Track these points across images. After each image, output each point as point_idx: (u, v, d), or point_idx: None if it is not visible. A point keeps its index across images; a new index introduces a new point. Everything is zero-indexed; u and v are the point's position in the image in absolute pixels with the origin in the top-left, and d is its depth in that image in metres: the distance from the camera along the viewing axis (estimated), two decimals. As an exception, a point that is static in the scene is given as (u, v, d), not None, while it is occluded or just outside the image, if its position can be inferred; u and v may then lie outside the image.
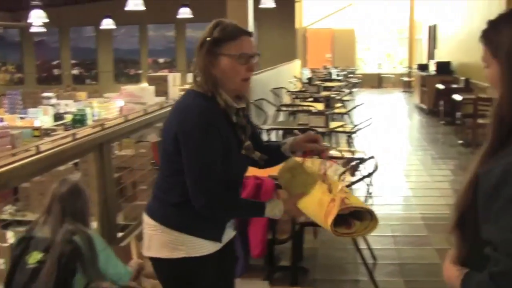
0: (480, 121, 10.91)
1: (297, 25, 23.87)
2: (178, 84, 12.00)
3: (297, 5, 24.27)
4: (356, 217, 2.57)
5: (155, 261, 2.86)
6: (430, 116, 16.16)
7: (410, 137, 13.32)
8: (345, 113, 11.15)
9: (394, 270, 5.55)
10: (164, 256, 2.79)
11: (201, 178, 2.63)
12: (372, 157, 5.52)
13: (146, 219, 2.86)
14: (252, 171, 3.15)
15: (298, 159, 2.92)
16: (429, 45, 21.37)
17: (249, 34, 2.78)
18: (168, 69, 22.20)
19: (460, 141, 11.98)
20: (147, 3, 14.25)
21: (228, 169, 2.72)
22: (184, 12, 19.05)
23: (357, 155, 7.69)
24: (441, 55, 18.89)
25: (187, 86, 12.24)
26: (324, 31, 25.78)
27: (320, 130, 7.66)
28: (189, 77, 13.35)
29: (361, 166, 6.20)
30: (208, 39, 2.71)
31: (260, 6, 17.99)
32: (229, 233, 2.97)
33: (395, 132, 13.84)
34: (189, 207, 2.68)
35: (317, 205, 2.62)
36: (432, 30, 20.56)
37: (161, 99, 8.79)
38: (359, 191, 6.36)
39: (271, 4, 18.13)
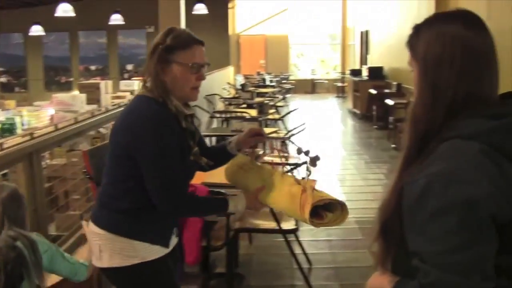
0: (411, 125, 11.03)
1: (230, 32, 23.89)
2: (110, 91, 11.85)
3: (230, 11, 24.30)
4: (326, 209, 2.61)
5: (109, 271, 2.82)
6: (363, 121, 16.36)
7: (344, 142, 13.44)
8: (279, 119, 11.19)
9: (329, 274, 5.56)
10: (118, 265, 2.76)
11: (166, 182, 2.64)
12: (305, 163, 5.51)
13: (94, 229, 2.80)
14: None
15: (243, 155, 3.02)
16: (361, 50, 21.67)
17: (201, 43, 2.81)
18: (100, 76, 21.90)
19: (393, 145, 12.15)
20: (77, 9, 14.05)
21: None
22: (116, 19, 18.87)
23: (291, 161, 7.72)
24: (374, 60, 19.16)
25: (120, 94, 12.15)
26: (257, 37, 25.87)
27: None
28: (122, 84, 13.22)
29: (295, 172, 6.20)
30: (160, 46, 2.71)
31: (193, 12, 17.94)
32: (174, 240, 2.97)
33: (329, 137, 13.94)
34: (139, 213, 2.72)
35: (288, 197, 2.69)
36: (364, 36, 20.85)
37: (93, 107, 8.67)
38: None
39: (204, 11, 18.10)
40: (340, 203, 2.61)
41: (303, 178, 2.81)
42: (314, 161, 2.96)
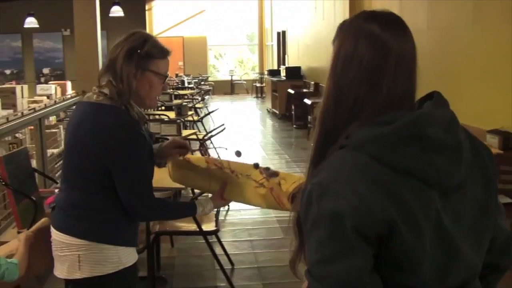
0: (330, 123, 11.17)
1: (148, 34, 23.68)
2: (26, 96, 11.55)
3: (147, 13, 24.11)
4: None
5: (90, 281, 2.76)
6: (282, 120, 16.48)
7: (264, 142, 13.49)
8: (198, 121, 11.17)
9: (252, 274, 5.57)
10: (99, 273, 2.74)
11: (141, 190, 2.70)
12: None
13: (72, 241, 2.73)
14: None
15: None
16: (278, 51, 21.83)
17: (170, 52, 2.84)
18: (16, 80, 21.33)
19: (313, 144, 12.24)
20: (-11, 12, 13.63)
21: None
22: (30, 22, 18.47)
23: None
24: (291, 60, 19.34)
25: (37, 98, 11.87)
26: (175, 39, 25.72)
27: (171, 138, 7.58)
28: (39, 88, 12.91)
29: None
30: (138, 51, 2.68)
31: (110, 15, 17.71)
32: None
33: (249, 138, 13.98)
34: (117, 219, 2.74)
35: (259, 196, 2.80)
36: (282, 36, 21.01)
37: (8, 111, 8.41)
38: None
39: (120, 13, 17.89)
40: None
41: (264, 178, 2.85)
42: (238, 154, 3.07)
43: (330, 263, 1.45)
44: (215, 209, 5.32)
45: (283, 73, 17.73)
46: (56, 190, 5.10)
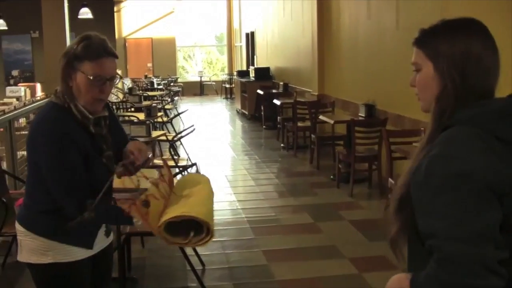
0: (299, 124, 11.23)
1: (117, 35, 23.57)
2: (-5, 97, 11.47)
3: (116, 14, 23.99)
4: (193, 226, 2.49)
5: (28, 266, 2.89)
6: (252, 121, 16.50)
7: (234, 143, 13.50)
8: (167, 122, 11.15)
9: (223, 274, 5.57)
10: (33, 261, 2.81)
11: (61, 186, 2.68)
12: (194, 164, 5.52)
13: (17, 226, 2.87)
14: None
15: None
16: (247, 51, 21.85)
17: (113, 55, 2.79)
18: (-16, 83, 21.17)
19: (282, 145, 12.31)
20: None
21: (86, 177, 2.72)
22: (-1, 24, 18.29)
23: (180, 163, 7.70)
24: (260, 61, 19.36)
25: (6, 100, 11.77)
26: (144, 40, 25.62)
27: (141, 139, 7.56)
28: (8, 90, 12.81)
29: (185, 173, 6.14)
30: (71, 51, 2.71)
31: (79, 16, 17.59)
32: (103, 241, 3.00)
33: (219, 139, 13.97)
34: (56, 214, 2.73)
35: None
36: (250, 37, 21.03)
37: (-24, 113, 8.33)
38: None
39: (89, 15, 17.78)
40: (207, 226, 2.49)
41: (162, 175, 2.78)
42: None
43: (467, 220, 1.59)
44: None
45: (252, 74, 17.74)
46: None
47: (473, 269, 1.56)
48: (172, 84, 21.37)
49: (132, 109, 12.29)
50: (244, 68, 21.40)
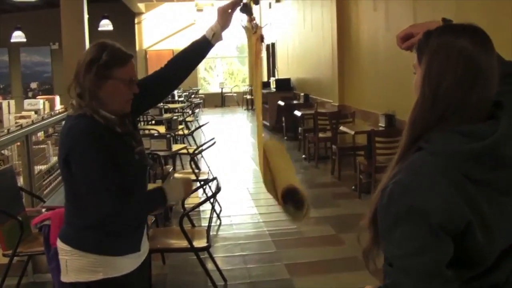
0: (320, 135, 11.21)
1: (137, 47, 23.70)
2: (13, 111, 11.50)
3: (137, 26, 24.11)
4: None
5: (74, 286, 2.83)
6: (273, 132, 16.47)
7: (255, 155, 13.45)
8: (188, 135, 11.15)
9: (245, 289, 5.56)
10: (83, 280, 2.79)
11: (99, 189, 2.66)
12: (215, 178, 5.51)
13: (60, 245, 2.85)
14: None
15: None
16: (268, 62, 21.86)
17: (133, 57, 2.88)
18: (2, 95, 21.26)
19: (303, 155, 12.28)
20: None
21: (123, 177, 2.75)
22: (18, 36, 18.46)
23: (201, 177, 7.69)
24: (281, 72, 19.37)
25: (24, 113, 11.83)
26: (165, 52, 25.65)
27: (162, 153, 7.58)
28: (27, 103, 12.87)
29: (207, 187, 6.13)
30: (97, 62, 2.72)
31: (99, 29, 17.70)
32: (146, 244, 3.06)
33: (240, 151, 13.97)
34: (101, 228, 2.75)
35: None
36: (271, 48, 21.04)
37: (-6, 127, 8.38)
38: (206, 212, 6.29)
39: (110, 27, 17.88)
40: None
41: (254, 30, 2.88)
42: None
43: (416, 255, 1.59)
44: (207, 225, 5.32)
45: (273, 85, 17.75)
46: (43, 210, 5.06)
47: None
48: (193, 95, 21.40)
49: (153, 122, 12.32)
50: (265, 79, 21.40)
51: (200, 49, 3.13)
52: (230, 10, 3.07)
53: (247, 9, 2.92)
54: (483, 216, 1.61)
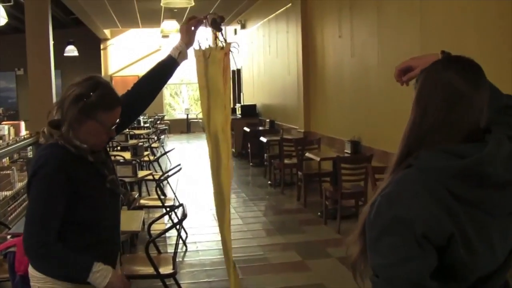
0: (286, 161, 11.24)
1: (103, 73, 23.61)
2: (-22, 137, 11.35)
3: (102, 52, 24.05)
4: None
5: None
6: (239, 158, 16.48)
7: (220, 180, 13.42)
8: (154, 161, 11.13)
9: (210, 316, 5.52)
10: None
11: (34, 224, 2.61)
12: (181, 205, 5.50)
13: (33, 272, 2.80)
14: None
15: None
16: (234, 89, 21.90)
17: (121, 103, 2.81)
18: (-34, 121, 21.05)
19: (269, 182, 12.31)
20: None
21: (84, 208, 2.71)
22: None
23: (167, 203, 7.66)
24: (247, 98, 19.42)
25: (-12, 139, 11.70)
26: (131, 78, 25.54)
27: (127, 180, 7.54)
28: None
29: (173, 214, 6.10)
30: (85, 99, 2.69)
31: (65, 54, 17.63)
32: (119, 270, 2.99)
33: (206, 177, 13.93)
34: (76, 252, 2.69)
35: None
36: (237, 74, 21.10)
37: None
38: (172, 239, 6.25)
39: (75, 52, 17.82)
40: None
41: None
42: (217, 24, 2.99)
43: (402, 265, 1.68)
44: (173, 251, 5.29)
45: (238, 111, 17.79)
46: (9, 237, 4.99)
47: None
48: (159, 121, 21.36)
49: (119, 148, 12.26)
50: (231, 105, 21.45)
51: (167, 68, 3.15)
52: (193, 28, 3.07)
53: (216, 25, 2.93)
54: (465, 233, 1.70)
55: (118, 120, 2.81)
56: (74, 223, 2.70)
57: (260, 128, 15.38)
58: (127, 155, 9.82)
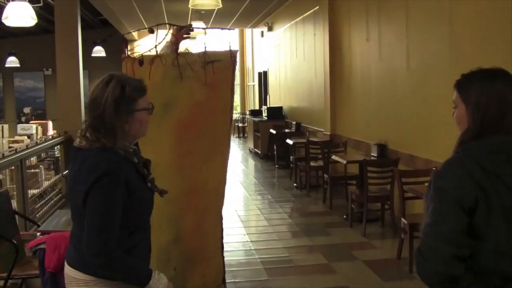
0: (312, 163, 11.25)
1: (130, 74, 23.73)
2: (6, 136, 11.52)
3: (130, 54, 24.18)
4: None
5: None
6: (265, 160, 16.51)
7: (247, 182, 13.49)
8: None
9: (236, 317, 5.55)
10: None
11: (99, 233, 2.62)
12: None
13: (75, 275, 2.79)
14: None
15: None
16: (260, 91, 21.93)
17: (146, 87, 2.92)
18: (-4, 120, 21.30)
19: (295, 184, 12.31)
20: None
21: (137, 210, 2.77)
22: (12, 61, 18.53)
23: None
24: (273, 100, 19.42)
25: (17, 138, 11.83)
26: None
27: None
28: (20, 127, 12.87)
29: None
30: (121, 100, 2.74)
31: (92, 55, 17.78)
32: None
33: (231, 178, 13.95)
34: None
35: None
36: (263, 77, 21.12)
37: (-12, 152, 8.37)
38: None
39: (102, 53, 17.97)
40: None
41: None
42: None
43: (441, 223, 2.19)
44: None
45: (264, 113, 17.81)
46: (38, 234, 5.08)
47: (434, 258, 2.17)
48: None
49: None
50: (257, 107, 21.49)
51: None
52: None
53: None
54: (487, 196, 2.15)
55: None
56: (125, 226, 2.72)
57: (286, 130, 15.39)
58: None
